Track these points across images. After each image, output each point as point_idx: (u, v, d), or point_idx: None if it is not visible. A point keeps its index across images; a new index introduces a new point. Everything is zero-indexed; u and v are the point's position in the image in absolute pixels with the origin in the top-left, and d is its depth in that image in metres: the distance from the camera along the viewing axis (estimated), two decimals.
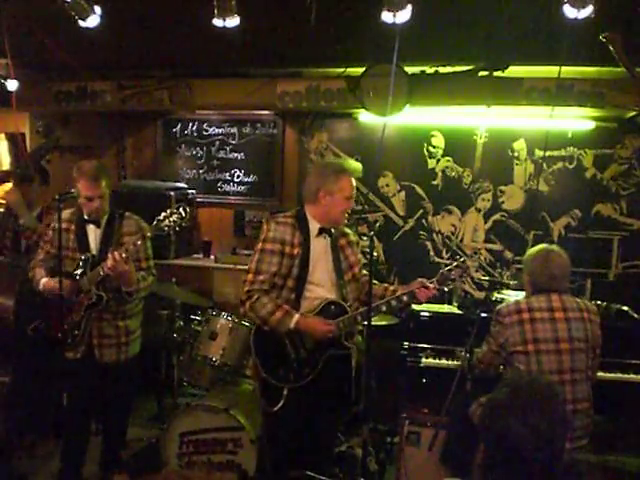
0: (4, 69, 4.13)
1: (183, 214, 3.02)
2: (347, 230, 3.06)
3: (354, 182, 2.91)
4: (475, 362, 2.97)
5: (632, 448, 3.68)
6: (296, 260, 2.82)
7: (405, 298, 2.86)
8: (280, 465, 2.92)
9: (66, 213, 3.24)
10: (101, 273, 3.04)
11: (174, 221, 3.01)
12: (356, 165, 2.98)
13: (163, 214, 3.04)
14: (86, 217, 3.19)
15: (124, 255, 2.98)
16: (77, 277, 3.12)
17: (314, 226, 2.89)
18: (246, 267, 2.94)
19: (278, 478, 2.93)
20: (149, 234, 3.07)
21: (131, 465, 3.55)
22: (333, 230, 2.93)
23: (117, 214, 3.27)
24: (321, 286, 2.89)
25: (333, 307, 2.87)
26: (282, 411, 2.80)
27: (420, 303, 2.96)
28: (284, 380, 2.81)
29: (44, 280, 3.18)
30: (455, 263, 2.91)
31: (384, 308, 2.88)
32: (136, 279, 3.13)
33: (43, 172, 4.29)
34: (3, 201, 3.97)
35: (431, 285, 2.86)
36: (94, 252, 3.17)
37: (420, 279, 2.92)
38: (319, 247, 2.89)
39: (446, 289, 4.28)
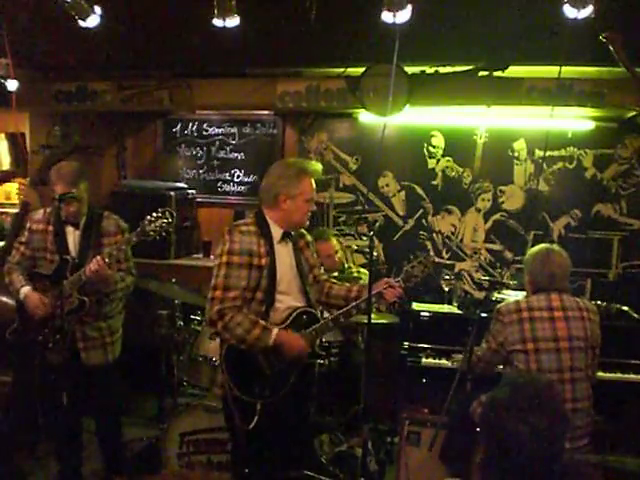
0: (4, 69, 4.13)
1: (169, 219, 2.95)
2: (302, 230, 2.94)
3: (314, 183, 2.80)
4: (475, 360, 2.97)
5: (632, 448, 3.67)
6: (264, 271, 2.68)
7: (373, 299, 2.75)
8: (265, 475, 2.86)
9: (39, 214, 3.23)
10: (83, 278, 3.00)
11: (160, 226, 2.94)
12: (316, 165, 2.85)
13: (148, 218, 2.97)
14: (64, 219, 3.14)
15: (107, 260, 2.95)
16: (57, 281, 3.05)
17: (277, 231, 2.76)
18: None
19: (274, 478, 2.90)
20: (135, 238, 3.00)
21: (131, 465, 3.55)
22: (293, 232, 2.83)
23: (96, 214, 3.22)
24: (288, 294, 2.77)
25: (305, 317, 2.77)
26: (257, 427, 2.66)
27: (388, 302, 2.87)
28: (259, 396, 2.68)
29: (26, 291, 3.14)
30: (418, 259, 2.86)
31: (354, 311, 2.79)
32: (114, 281, 3.10)
33: None
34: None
35: (397, 284, 2.80)
36: (73, 254, 3.12)
37: (386, 279, 2.87)
38: (283, 253, 2.77)
39: (448, 288, 4.34)
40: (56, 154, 4.37)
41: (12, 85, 4.18)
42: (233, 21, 3.24)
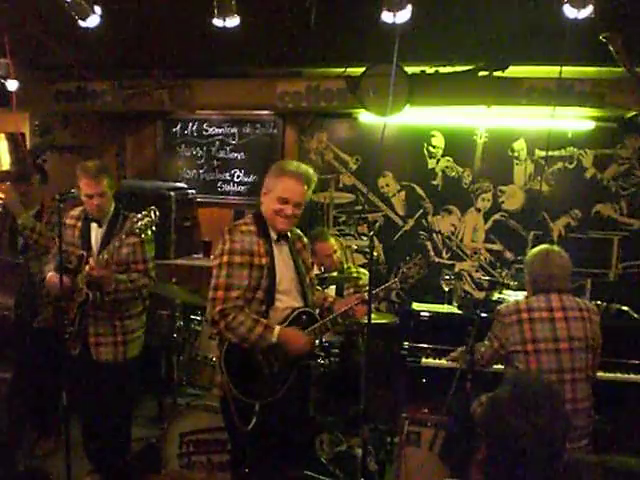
0: (4, 69, 4.13)
1: (153, 217, 3.01)
2: (299, 232, 2.94)
3: (298, 188, 2.68)
4: (477, 357, 2.97)
5: (632, 448, 3.67)
6: (264, 270, 2.66)
7: (340, 320, 2.80)
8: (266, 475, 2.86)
9: (76, 210, 3.33)
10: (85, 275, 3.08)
11: (145, 224, 2.99)
12: (304, 169, 2.72)
13: (139, 215, 3.03)
14: (90, 216, 3.24)
15: (106, 257, 3.01)
16: (76, 275, 3.14)
17: (273, 232, 2.76)
18: None
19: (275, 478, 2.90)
20: (124, 236, 3.04)
21: (131, 465, 3.55)
22: (289, 235, 2.82)
23: (122, 214, 3.30)
24: (287, 294, 2.77)
25: (304, 317, 2.77)
26: (256, 428, 2.64)
27: (358, 318, 2.84)
28: (257, 397, 2.67)
29: (49, 274, 3.24)
30: (414, 260, 2.87)
31: (329, 325, 2.80)
32: (116, 280, 3.11)
33: (42, 171, 4.30)
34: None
35: (386, 289, 2.85)
36: (94, 250, 3.20)
37: (358, 294, 2.89)
38: (281, 254, 2.77)
39: (448, 288, 4.34)
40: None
41: (12, 85, 4.19)
42: (233, 21, 3.25)
